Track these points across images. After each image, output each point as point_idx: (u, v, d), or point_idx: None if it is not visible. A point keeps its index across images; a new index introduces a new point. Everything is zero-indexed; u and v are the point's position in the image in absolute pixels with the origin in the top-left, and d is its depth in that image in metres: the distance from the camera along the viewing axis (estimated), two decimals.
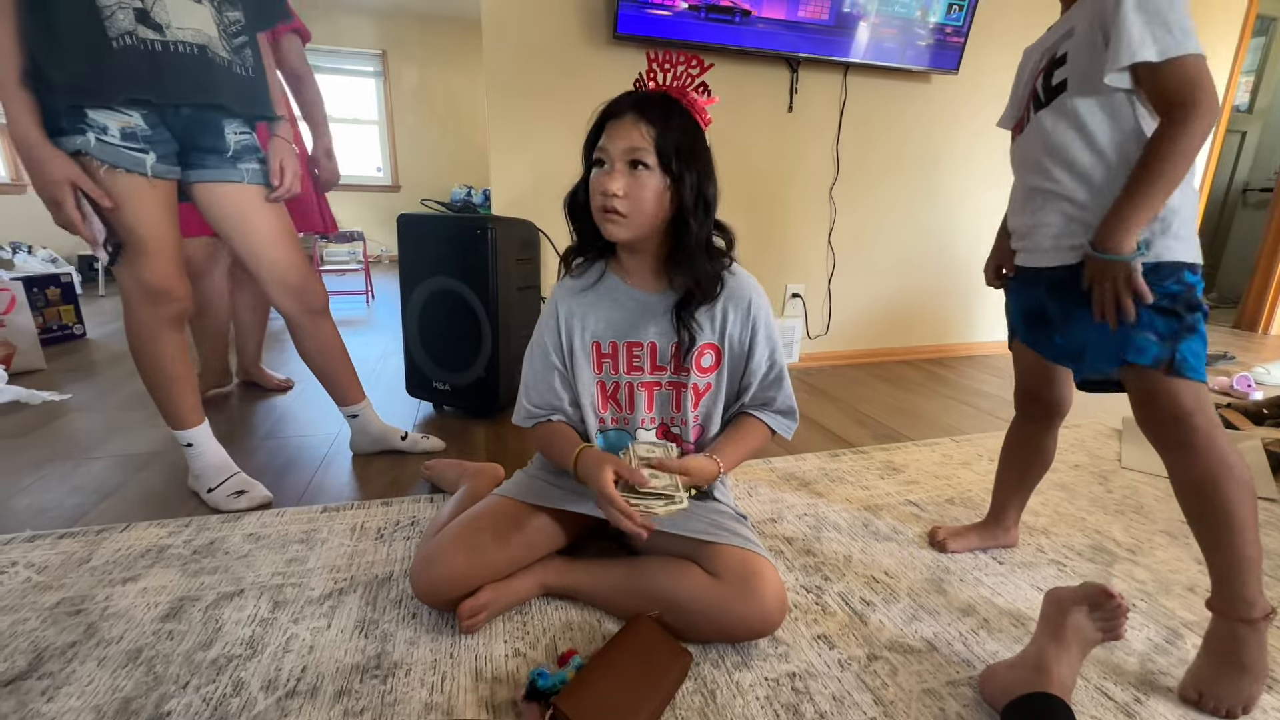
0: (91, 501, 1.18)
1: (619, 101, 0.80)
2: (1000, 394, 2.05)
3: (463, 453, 1.45)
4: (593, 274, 0.90)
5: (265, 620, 0.85)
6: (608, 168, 0.79)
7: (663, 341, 0.88)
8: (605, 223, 0.80)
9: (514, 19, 1.77)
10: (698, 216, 0.81)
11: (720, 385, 0.90)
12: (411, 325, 1.68)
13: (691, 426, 0.90)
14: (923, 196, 2.38)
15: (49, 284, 2.45)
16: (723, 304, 0.88)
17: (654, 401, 0.90)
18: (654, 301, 0.88)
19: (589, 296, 0.89)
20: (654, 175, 0.78)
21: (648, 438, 0.91)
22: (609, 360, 0.89)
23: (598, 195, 0.79)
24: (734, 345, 0.89)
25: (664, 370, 0.89)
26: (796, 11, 1.87)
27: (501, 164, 1.87)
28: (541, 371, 0.91)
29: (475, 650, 0.80)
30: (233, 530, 1.08)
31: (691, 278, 0.83)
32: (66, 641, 0.80)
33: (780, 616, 0.80)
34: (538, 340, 0.92)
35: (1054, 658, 0.70)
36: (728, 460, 0.87)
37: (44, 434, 1.52)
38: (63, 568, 0.96)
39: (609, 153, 0.78)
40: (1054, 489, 1.33)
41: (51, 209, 0.94)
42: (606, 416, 0.91)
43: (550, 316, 0.90)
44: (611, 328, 0.88)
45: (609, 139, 0.79)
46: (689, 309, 0.85)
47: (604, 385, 0.90)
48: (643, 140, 0.77)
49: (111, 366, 2.13)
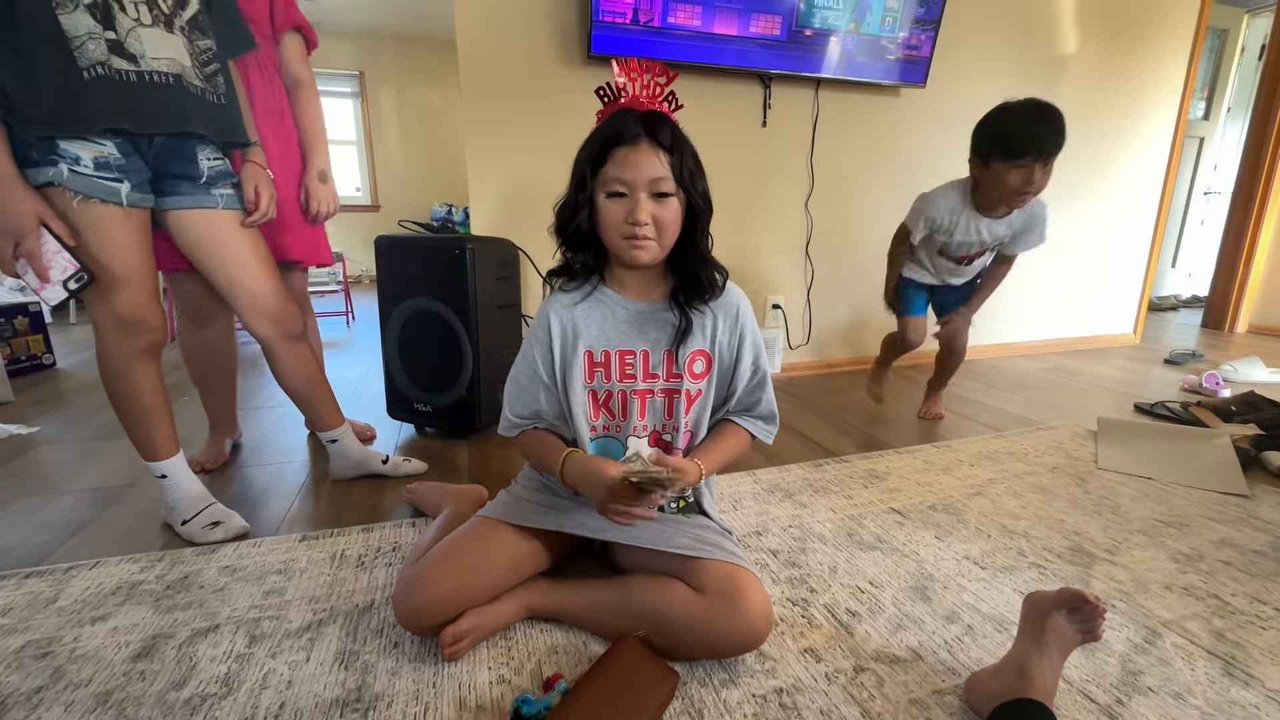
0: (60, 538, 1.15)
1: (625, 127, 0.78)
2: (980, 399, 2.08)
3: (445, 475, 1.43)
4: (586, 287, 0.91)
5: (241, 656, 0.83)
6: (628, 198, 0.79)
7: (655, 350, 0.89)
8: (632, 250, 0.81)
9: (489, 40, 1.79)
10: (706, 220, 0.85)
11: (709, 391, 0.92)
12: (391, 346, 1.66)
13: (682, 433, 0.91)
14: (896, 205, 2.41)
15: (17, 313, 2.39)
16: (713, 312, 0.90)
17: (646, 409, 0.90)
18: (646, 311, 0.89)
19: (582, 308, 0.89)
20: (675, 199, 0.81)
21: (639, 444, 0.91)
22: (601, 369, 0.89)
23: (622, 225, 0.80)
24: (723, 352, 0.91)
25: (656, 378, 0.89)
26: (748, 27, 1.91)
27: (480, 183, 1.88)
28: (527, 384, 0.91)
29: (459, 678, 0.79)
30: (208, 563, 1.05)
31: (700, 269, 0.86)
32: (32, 686, 0.77)
33: (766, 630, 0.79)
34: (526, 353, 0.92)
35: (1035, 663, 0.70)
36: (709, 463, 0.88)
37: (10, 469, 1.47)
38: (29, 609, 0.93)
39: (630, 184, 0.78)
40: (1033, 491, 1.35)
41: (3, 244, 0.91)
42: (598, 425, 0.91)
43: (541, 329, 0.90)
44: (604, 337, 0.88)
45: (627, 168, 0.78)
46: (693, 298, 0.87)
47: (595, 394, 0.90)
48: (663, 169, 0.78)
49: (82, 397, 2.08)
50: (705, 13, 1.84)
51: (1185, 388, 2.18)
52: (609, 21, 1.77)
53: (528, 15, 1.80)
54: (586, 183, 0.82)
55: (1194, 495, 1.34)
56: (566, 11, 1.83)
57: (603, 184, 0.80)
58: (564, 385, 0.89)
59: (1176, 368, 2.50)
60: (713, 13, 1.85)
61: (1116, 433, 1.69)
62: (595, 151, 0.80)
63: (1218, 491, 1.35)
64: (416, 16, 5.09)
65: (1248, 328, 3.33)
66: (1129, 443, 1.62)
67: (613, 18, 1.77)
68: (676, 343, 0.88)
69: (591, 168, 0.81)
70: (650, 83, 0.83)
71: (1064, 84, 2.55)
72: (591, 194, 0.82)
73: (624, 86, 0.83)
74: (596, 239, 0.86)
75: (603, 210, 0.81)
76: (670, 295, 0.89)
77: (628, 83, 0.83)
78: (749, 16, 1.89)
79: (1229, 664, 0.83)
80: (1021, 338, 2.80)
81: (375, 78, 5.61)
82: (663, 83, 0.83)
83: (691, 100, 2.01)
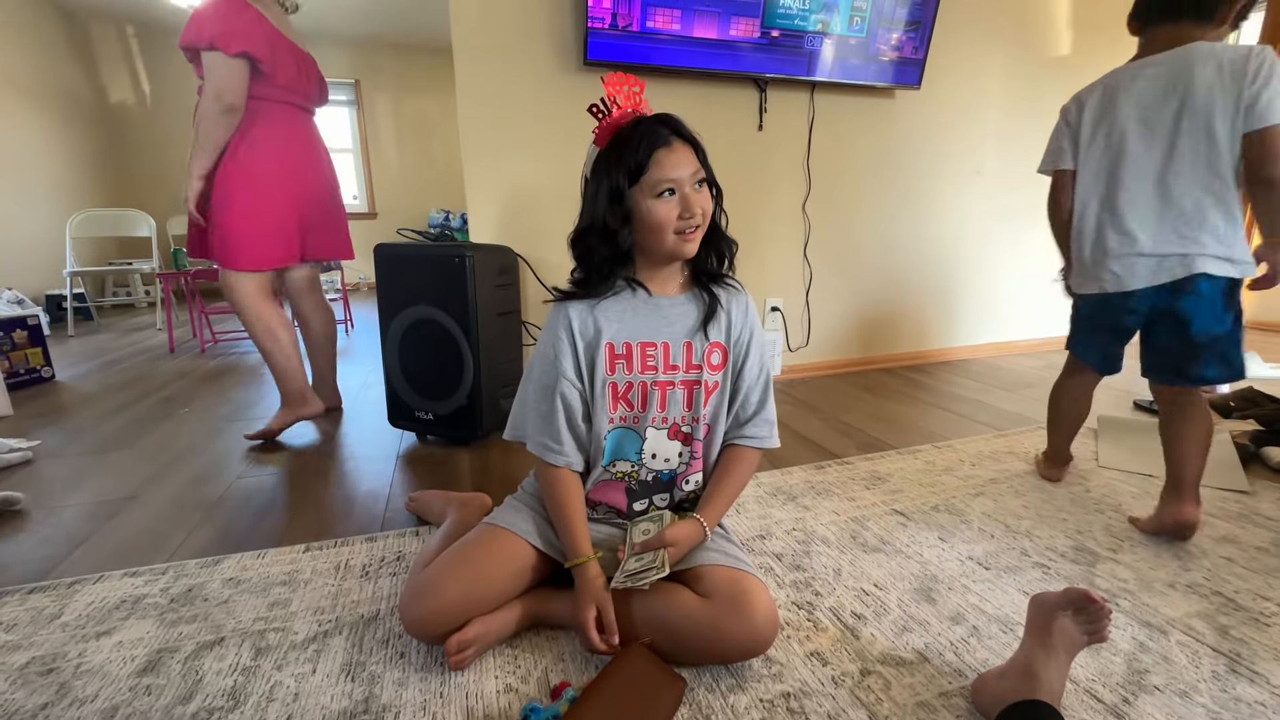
0: (62, 552, 1.15)
1: (656, 131, 0.82)
2: (979, 398, 2.08)
3: (447, 482, 1.43)
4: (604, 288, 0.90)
5: (247, 669, 0.83)
6: (676, 195, 0.82)
7: (675, 342, 0.90)
8: (685, 243, 0.85)
9: (485, 48, 1.79)
10: (720, 203, 0.90)
11: (726, 385, 0.93)
12: (391, 355, 1.66)
13: (701, 424, 0.91)
14: (893, 206, 2.44)
15: (15, 327, 2.39)
16: (727, 307, 0.92)
17: (666, 401, 0.90)
18: (665, 304, 0.90)
19: (603, 305, 0.89)
20: (706, 186, 0.85)
21: (658, 439, 0.91)
22: (623, 361, 0.89)
23: (676, 221, 0.83)
24: (736, 346, 0.93)
25: (677, 369, 0.90)
26: (728, 31, 1.91)
27: (477, 190, 1.88)
28: (548, 384, 0.89)
29: (466, 688, 0.79)
30: (211, 575, 1.05)
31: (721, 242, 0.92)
32: (38, 704, 0.77)
33: (772, 634, 0.80)
34: (544, 357, 0.91)
35: (1042, 664, 0.71)
36: (713, 515, 0.90)
37: (11, 484, 1.47)
38: (33, 625, 0.93)
39: (678, 181, 0.82)
40: (1035, 490, 1.36)
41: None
42: (616, 416, 0.91)
43: (561, 328, 0.89)
44: (625, 329, 0.89)
45: (670, 168, 0.81)
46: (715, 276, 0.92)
47: (616, 386, 0.90)
48: (696, 161, 0.84)
49: (81, 410, 2.08)
50: (684, 16, 1.85)
51: None
52: (594, 28, 1.77)
53: (523, 23, 1.81)
54: (624, 197, 0.83)
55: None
56: (562, 19, 1.84)
57: (648, 189, 0.82)
58: (590, 379, 0.89)
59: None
60: (691, 16, 1.85)
61: (1117, 430, 1.70)
62: (634, 164, 0.81)
63: (1218, 488, 1.35)
64: (412, 25, 5.11)
65: (1245, 323, 3.33)
66: (1130, 440, 1.62)
67: (594, 23, 1.77)
68: (704, 322, 0.90)
69: (630, 179, 0.82)
70: (630, 92, 0.86)
71: (1058, 85, 2.56)
72: (629, 206, 0.83)
73: (613, 98, 0.85)
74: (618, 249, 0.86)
75: (651, 213, 0.82)
76: (693, 280, 0.93)
77: (615, 94, 0.85)
78: (728, 20, 1.89)
79: (1234, 661, 0.83)
80: (1019, 336, 2.81)
81: (371, 86, 5.62)
82: (638, 91, 0.86)
83: (689, 105, 2.03)
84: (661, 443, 0.91)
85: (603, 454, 0.90)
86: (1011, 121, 2.53)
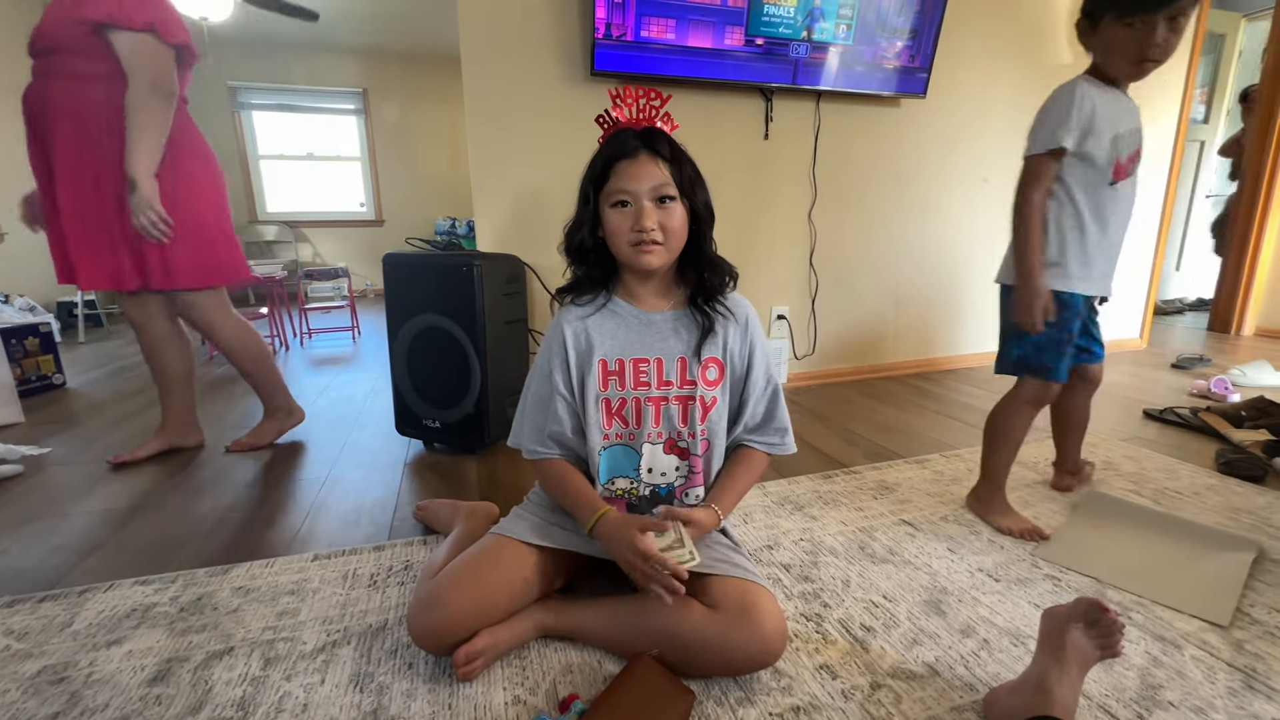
0: (73, 560, 1.15)
1: (622, 143, 0.84)
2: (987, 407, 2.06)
3: (455, 491, 1.43)
4: (598, 300, 0.93)
5: (256, 679, 0.83)
6: (633, 207, 0.83)
7: (668, 358, 0.90)
8: (641, 255, 0.84)
9: (493, 58, 1.81)
10: (709, 225, 0.89)
11: (724, 400, 0.93)
12: (399, 363, 1.67)
13: (699, 440, 0.91)
14: (899, 214, 2.44)
15: (27, 334, 2.41)
16: (723, 322, 0.92)
17: (661, 416, 0.91)
18: (658, 320, 0.91)
19: (595, 319, 0.91)
20: (678, 205, 0.85)
21: (654, 454, 0.91)
22: (615, 377, 0.90)
23: (629, 233, 0.84)
24: (734, 361, 0.93)
25: (670, 385, 0.90)
26: (723, 40, 1.92)
27: (485, 200, 1.89)
28: (546, 398, 0.92)
29: (474, 700, 0.79)
30: (221, 584, 1.05)
31: (708, 270, 0.91)
32: (49, 713, 0.77)
33: (781, 646, 0.79)
34: (540, 369, 0.93)
35: (1055, 679, 0.70)
36: (726, 505, 0.91)
37: (21, 491, 1.48)
38: (44, 633, 0.93)
39: (633, 193, 0.83)
40: (1044, 501, 1.35)
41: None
42: (611, 433, 0.91)
43: (555, 341, 0.91)
44: (618, 345, 0.90)
45: (628, 180, 0.82)
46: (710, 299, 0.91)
47: (609, 403, 0.90)
48: (664, 176, 0.83)
49: (92, 417, 2.09)
50: (679, 26, 1.85)
51: (1193, 393, 2.17)
52: (599, 39, 1.78)
53: (530, 34, 1.83)
54: (590, 200, 0.87)
55: (1206, 502, 1.33)
56: (568, 30, 1.86)
57: (607, 198, 0.85)
58: (581, 394, 0.90)
59: (1184, 372, 2.48)
60: (686, 26, 1.86)
61: (1097, 516, 1.27)
62: (597, 171, 0.85)
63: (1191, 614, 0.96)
64: (420, 35, 5.17)
65: (1255, 330, 3.31)
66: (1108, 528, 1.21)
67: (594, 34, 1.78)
68: (700, 342, 0.90)
69: (595, 186, 0.86)
70: (646, 106, 0.87)
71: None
72: (596, 210, 0.87)
73: (620, 110, 0.87)
74: (606, 254, 0.90)
75: (609, 221, 0.85)
76: (689, 300, 0.93)
77: (624, 107, 0.87)
78: (722, 29, 1.90)
79: (1250, 676, 0.82)
80: None
81: (379, 94, 5.67)
82: (657, 105, 0.88)
83: (696, 115, 2.05)
84: (658, 458, 0.91)
85: (599, 472, 0.91)
86: (1019, 130, 2.52)
